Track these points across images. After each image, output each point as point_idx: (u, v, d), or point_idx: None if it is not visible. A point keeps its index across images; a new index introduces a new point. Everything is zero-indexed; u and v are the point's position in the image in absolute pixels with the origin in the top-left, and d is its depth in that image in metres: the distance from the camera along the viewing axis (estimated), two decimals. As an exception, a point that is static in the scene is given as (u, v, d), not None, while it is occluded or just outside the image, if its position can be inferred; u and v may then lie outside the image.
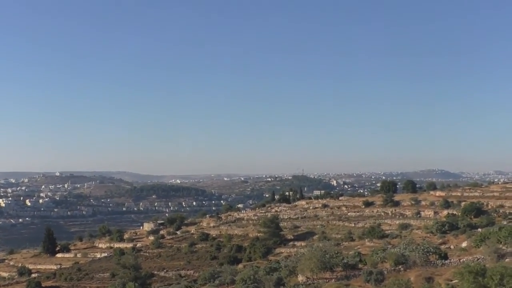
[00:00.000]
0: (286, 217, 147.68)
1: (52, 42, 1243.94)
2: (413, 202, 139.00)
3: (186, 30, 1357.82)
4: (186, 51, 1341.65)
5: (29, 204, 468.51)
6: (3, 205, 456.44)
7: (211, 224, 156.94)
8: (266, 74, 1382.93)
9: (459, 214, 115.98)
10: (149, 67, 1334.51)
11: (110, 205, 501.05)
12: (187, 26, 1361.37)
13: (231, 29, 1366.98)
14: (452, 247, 72.92)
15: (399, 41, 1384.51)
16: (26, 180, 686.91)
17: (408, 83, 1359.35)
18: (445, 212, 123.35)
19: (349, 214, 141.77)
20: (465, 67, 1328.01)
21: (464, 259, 51.21)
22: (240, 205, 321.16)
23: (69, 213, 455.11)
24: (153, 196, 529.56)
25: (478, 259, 49.31)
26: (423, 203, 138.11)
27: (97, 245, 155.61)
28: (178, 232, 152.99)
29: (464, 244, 69.68)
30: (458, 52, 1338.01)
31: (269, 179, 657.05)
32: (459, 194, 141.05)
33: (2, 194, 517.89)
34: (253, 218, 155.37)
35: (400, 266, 51.46)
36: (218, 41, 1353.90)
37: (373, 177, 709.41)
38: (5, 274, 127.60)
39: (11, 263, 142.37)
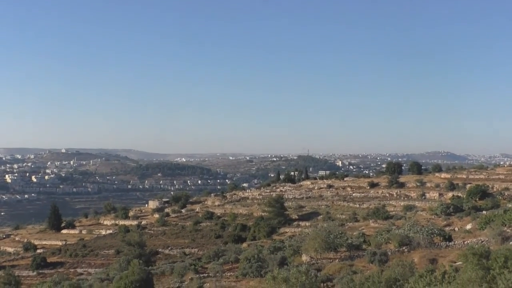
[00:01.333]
0: (291, 197, 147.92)
1: (60, 14, 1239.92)
2: (418, 184, 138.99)
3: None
4: (192, 25, 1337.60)
5: (35, 180, 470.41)
6: (9, 181, 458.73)
7: (216, 203, 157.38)
8: (273, 52, 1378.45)
9: (464, 196, 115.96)
10: (154, 43, 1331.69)
11: (116, 182, 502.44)
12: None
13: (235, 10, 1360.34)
14: (456, 229, 72.91)
15: (405, 30, 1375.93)
16: (32, 157, 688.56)
17: (416, 65, 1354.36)
18: (450, 194, 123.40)
19: (354, 195, 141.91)
20: (469, 55, 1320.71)
21: (468, 241, 51.16)
22: (245, 184, 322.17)
23: (74, 189, 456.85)
24: (159, 174, 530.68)
25: (483, 241, 49.25)
26: (428, 185, 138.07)
27: (102, 222, 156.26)
28: (183, 211, 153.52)
29: (468, 226, 69.66)
30: (468, 42, 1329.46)
31: (275, 159, 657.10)
32: (464, 176, 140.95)
33: (8, 170, 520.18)
34: (258, 197, 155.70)
35: (404, 247, 51.47)
36: (222, 20, 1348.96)
37: (378, 158, 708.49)
38: (10, 250, 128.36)
39: (17, 238, 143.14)
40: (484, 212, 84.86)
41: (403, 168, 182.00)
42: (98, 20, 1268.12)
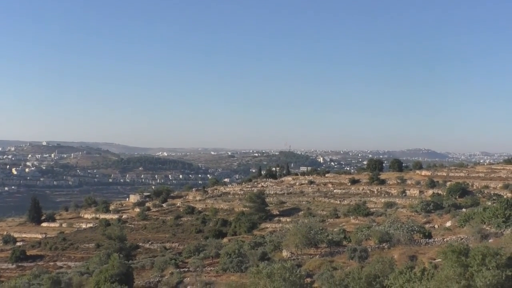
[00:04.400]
0: (272, 193, 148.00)
1: (42, 14, 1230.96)
2: (399, 181, 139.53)
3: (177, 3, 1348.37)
4: (174, 24, 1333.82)
5: (15, 172, 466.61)
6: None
7: (197, 198, 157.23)
8: (255, 51, 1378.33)
9: (444, 194, 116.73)
10: (137, 39, 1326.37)
11: (97, 176, 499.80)
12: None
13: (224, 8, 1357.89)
14: (436, 226, 73.52)
15: (386, 25, 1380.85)
16: (12, 149, 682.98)
17: (395, 64, 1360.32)
18: (430, 191, 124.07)
19: (335, 191, 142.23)
20: (453, 49, 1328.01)
21: (448, 239, 51.60)
22: (226, 180, 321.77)
23: (55, 182, 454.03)
24: (140, 168, 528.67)
25: (462, 239, 49.70)
26: (408, 182, 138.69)
27: (82, 215, 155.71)
28: (164, 205, 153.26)
29: (448, 224, 70.23)
30: (449, 34, 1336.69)
31: (256, 154, 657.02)
32: (444, 174, 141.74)
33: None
34: (239, 192, 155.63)
35: (384, 244, 51.78)
36: (207, 19, 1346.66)
37: (360, 155, 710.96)
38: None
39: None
40: (463, 209, 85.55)
41: (384, 165, 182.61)
42: (81, 11, 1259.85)
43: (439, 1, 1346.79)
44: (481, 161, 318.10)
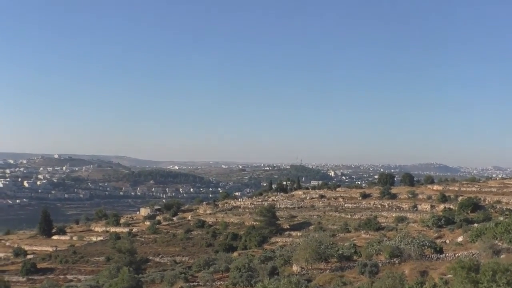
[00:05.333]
0: (283, 207, 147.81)
1: (52, 24, 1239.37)
2: (410, 195, 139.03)
3: (183, 18, 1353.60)
4: (182, 37, 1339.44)
5: (26, 185, 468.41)
6: (1, 185, 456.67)
7: (208, 211, 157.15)
8: (266, 63, 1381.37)
9: (456, 208, 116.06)
10: (147, 52, 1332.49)
11: (108, 189, 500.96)
12: (183, 14, 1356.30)
13: (226, 17, 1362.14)
14: (447, 241, 72.88)
15: (397, 36, 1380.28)
16: (24, 162, 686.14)
17: (409, 78, 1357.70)
18: (442, 206, 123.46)
19: (345, 205, 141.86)
20: (468, 62, 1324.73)
21: (459, 254, 51.16)
22: (237, 193, 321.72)
23: (66, 195, 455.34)
24: (151, 182, 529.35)
25: (474, 254, 49.26)
26: (420, 196, 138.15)
27: (93, 228, 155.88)
28: (174, 218, 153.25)
29: (460, 239, 69.63)
30: (462, 43, 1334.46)
31: (267, 168, 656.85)
32: (456, 188, 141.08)
33: (0, 174, 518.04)
34: (249, 206, 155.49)
35: (395, 259, 51.43)
36: (211, 27, 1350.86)
37: (371, 169, 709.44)
38: (1, 255, 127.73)
39: (7, 243, 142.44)
40: (475, 224, 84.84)
41: (395, 179, 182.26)
42: (92, 24, 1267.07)
43: (447, 5, 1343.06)
44: (494, 175, 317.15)
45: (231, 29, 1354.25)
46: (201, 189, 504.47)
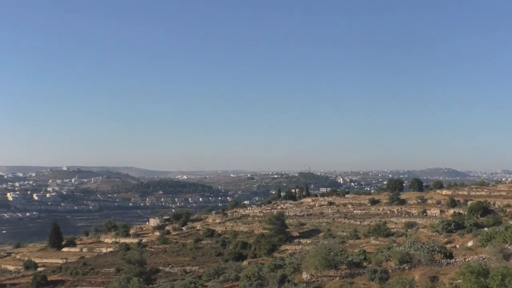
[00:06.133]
0: (292, 214, 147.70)
1: (59, 35, 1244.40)
2: (419, 201, 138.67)
3: (189, 22, 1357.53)
4: (188, 45, 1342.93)
5: (36, 198, 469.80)
6: (11, 199, 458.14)
7: (217, 221, 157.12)
8: (271, 68, 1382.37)
9: (466, 213, 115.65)
10: (155, 61, 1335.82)
11: (117, 200, 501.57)
12: (195, 19, 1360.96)
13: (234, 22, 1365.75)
14: (457, 246, 72.62)
15: (405, 38, 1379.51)
16: (33, 175, 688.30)
17: (416, 82, 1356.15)
18: (451, 211, 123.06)
19: (355, 212, 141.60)
20: (471, 68, 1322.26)
21: (469, 259, 50.98)
22: (246, 202, 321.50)
23: (75, 207, 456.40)
24: (160, 192, 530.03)
25: (484, 258, 49.08)
26: (429, 201, 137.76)
27: (103, 240, 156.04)
28: (183, 228, 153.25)
29: (470, 244, 69.37)
30: (463, 53, 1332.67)
31: (276, 176, 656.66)
32: (465, 193, 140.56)
33: (9, 188, 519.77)
34: (259, 214, 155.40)
35: (404, 265, 51.27)
36: (214, 32, 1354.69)
37: (379, 175, 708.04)
38: (11, 268, 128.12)
39: (18, 256, 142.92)
40: (485, 229, 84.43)
41: (404, 184, 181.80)
42: (99, 32, 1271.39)
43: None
44: (503, 179, 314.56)
45: (236, 33, 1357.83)
46: (210, 198, 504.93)
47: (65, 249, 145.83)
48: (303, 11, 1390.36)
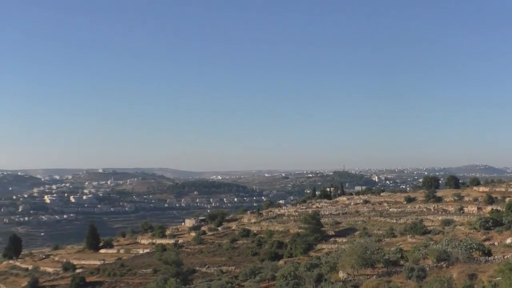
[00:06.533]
0: (327, 213, 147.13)
1: (88, 39, 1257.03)
2: (456, 198, 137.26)
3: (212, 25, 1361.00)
4: (229, 44, 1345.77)
5: (73, 200, 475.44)
6: (48, 201, 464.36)
7: (252, 220, 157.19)
8: (313, 71, 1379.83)
9: (504, 210, 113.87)
10: (195, 64, 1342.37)
11: (152, 201, 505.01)
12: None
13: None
14: (496, 243, 71.83)
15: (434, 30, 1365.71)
16: (70, 177, 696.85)
17: (450, 79, 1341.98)
18: (489, 208, 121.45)
19: (390, 210, 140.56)
20: (501, 63, 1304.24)
21: (508, 256, 50.44)
22: (281, 201, 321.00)
23: (112, 209, 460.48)
24: (195, 192, 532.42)
25: (523, 256, 48.55)
26: (466, 199, 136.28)
27: (139, 241, 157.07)
28: (219, 228, 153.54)
29: (508, 241, 68.59)
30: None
31: (310, 175, 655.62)
32: (503, 189, 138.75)
33: (47, 190, 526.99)
34: (294, 214, 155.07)
35: (442, 263, 50.90)
36: (251, 36, 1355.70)
37: (415, 172, 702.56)
38: (50, 270, 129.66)
39: (56, 258, 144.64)
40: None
41: (440, 182, 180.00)
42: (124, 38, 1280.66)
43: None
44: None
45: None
46: (244, 198, 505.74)
47: (102, 251, 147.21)
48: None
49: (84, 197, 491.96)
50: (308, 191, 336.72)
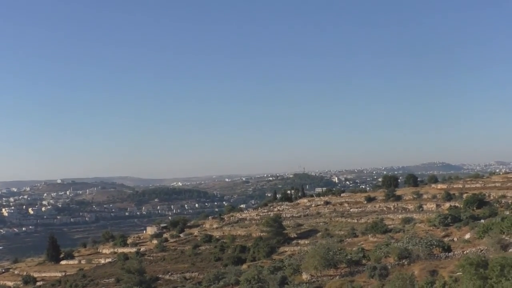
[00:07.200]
0: (289, 216, 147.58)
1: (48, 46, 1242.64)
2: (415, 196, 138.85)
3: (176, 34, 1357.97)
4: (180, 54, 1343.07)
5: (31, 212, 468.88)
6: (6, 214, 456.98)
7: (214, 226, 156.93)
8: (265, 74, 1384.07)
9: (461, 206, 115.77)
10: (146, 71, 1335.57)
11: (113, 210, 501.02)
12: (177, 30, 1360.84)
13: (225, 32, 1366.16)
14: (455, 239, 72.89)
15: (395, 39, 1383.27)
16: (28, 189, 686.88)
17: (406, 79, 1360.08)
18: (447, 204, 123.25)
19: (351, 210, 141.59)
20: (462, 61, 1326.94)
21: (467, 251, 51.21)
22: (242, 206, 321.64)
23: (72, 220, 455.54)
24: (155, 200, 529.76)
25: (482, 250, 49.32)
26: (425, 196, 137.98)
27: (101, 251, 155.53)
28: (181, 235, 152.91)
29: (467, 236, 69.66)
30: (455, 45, 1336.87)
31: (271, 178, 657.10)
32: (460, 186, 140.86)
33: (4, 203, 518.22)
34: (255, 218, 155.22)
35: (404, 260, 51.49)
36: (212, 44, 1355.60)
37: (374, 172, 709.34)
38: (10, 283, 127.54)
39: (16, 272, 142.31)
40: (482, 220, 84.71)
41: (399, 180, 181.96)
42: (83, 54, 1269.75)
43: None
44: (497, 170, 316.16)
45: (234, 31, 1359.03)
46: (206, 204, 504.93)
47: (63, 262, 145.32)
48: (306, 11, 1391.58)
49: (43, 208, 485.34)
50: (269, 195, 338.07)
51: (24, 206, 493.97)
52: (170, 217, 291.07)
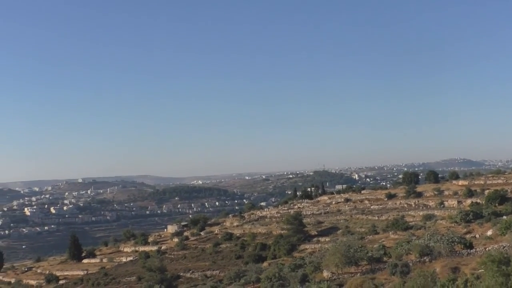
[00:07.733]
0: (309, 213, 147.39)
1: (68, 45, 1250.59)
2: (436, 193, 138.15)
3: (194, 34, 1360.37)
4: (196, 54, 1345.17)
5: (53, 211, 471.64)
6: (29, 213, 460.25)
7: (235, 224, 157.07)
8: (285, 72, 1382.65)
9: (483, 202, 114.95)
10: (166, 71, 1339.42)
11: (134, 209, 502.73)
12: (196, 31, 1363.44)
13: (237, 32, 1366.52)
14: (477, 236, 72.37)
15: (403, 34, 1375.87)
16: (49, 188, 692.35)
17: (423, 73, 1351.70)
18: (468, 201, 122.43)
19: (372, 207, 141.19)
20: (483, 54, 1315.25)
21: (490, 248, 50.81)
22: (262, 203, 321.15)
23: (93, 218, 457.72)
24: (176, 198, 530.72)
25: (504, 247, 48.89)
26: (446, 193, 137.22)
27: (122, 249, 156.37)
28: (202, 233, 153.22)
29: (489, 233, 69.14)
30: (470, 37, 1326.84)
31: (291, 176, 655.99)
32: (482, 182, 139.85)
33: (27, 203, 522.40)
34: (276, 215, 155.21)
35: (425, 258, 51.21)
36: (232, 42, 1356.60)
37: (395, 169, 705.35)
38: (33, 282, 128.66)
39: (39, 270, 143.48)
40: (504, 217, 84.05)
41: (420, 177, 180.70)
42: (113, 42, 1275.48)
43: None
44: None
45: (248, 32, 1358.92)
46: (226, 202, 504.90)
47: (85, 261, 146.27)
48: (307, 11, 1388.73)
49: (65, 207, 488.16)
50: (289, 192, 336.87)
51: (46, 206, 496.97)
52: (190, 216, 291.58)
